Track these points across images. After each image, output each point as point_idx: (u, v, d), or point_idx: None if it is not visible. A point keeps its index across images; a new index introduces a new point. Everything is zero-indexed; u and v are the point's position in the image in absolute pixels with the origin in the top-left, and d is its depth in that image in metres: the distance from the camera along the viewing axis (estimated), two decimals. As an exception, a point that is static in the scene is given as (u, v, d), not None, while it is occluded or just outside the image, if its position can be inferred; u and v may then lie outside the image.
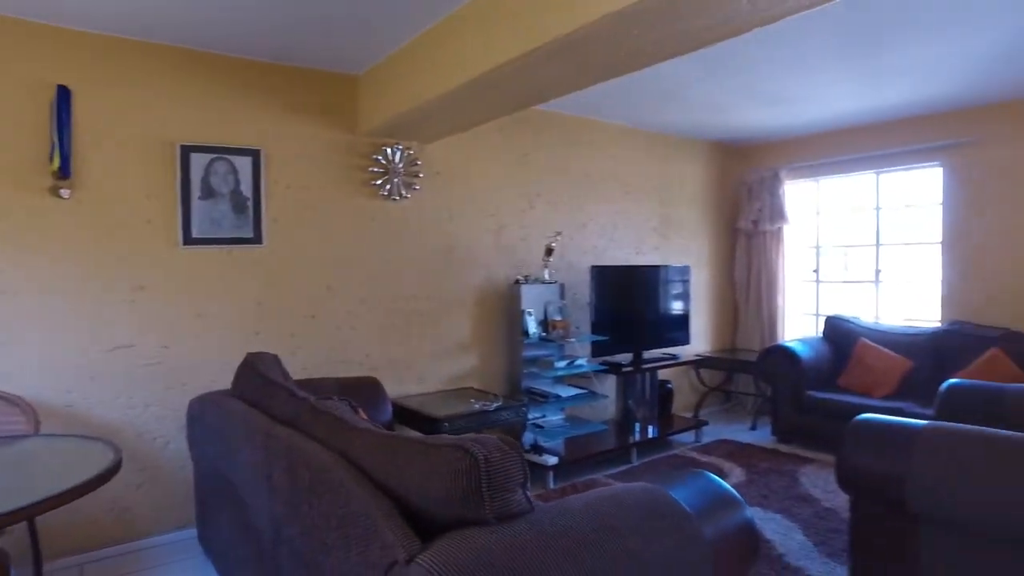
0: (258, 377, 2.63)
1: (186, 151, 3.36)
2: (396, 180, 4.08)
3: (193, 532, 3.31)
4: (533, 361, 4.56)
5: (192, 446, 2.99)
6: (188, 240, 3.38)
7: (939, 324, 5.12)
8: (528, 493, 1.49)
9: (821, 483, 4.11)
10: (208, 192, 3.43)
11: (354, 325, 3.98)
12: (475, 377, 4.55)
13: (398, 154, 4.08)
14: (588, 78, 2.86)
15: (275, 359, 2.93)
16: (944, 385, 3.57)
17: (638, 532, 1.53)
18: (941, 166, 5.16)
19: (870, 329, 5.33)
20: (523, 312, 4.48)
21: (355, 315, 3.99)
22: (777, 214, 6.08)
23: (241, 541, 2.40)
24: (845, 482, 2.73)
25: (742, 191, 6.41)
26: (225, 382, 3.37)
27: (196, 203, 3.40)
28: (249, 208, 3.56)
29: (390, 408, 3.53)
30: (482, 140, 4.55)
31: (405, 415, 3.81)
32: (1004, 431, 2.48)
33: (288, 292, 3.74)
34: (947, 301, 5.14)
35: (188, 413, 2.99)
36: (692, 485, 1.90)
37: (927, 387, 4.55)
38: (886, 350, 5.05)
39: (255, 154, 3.57)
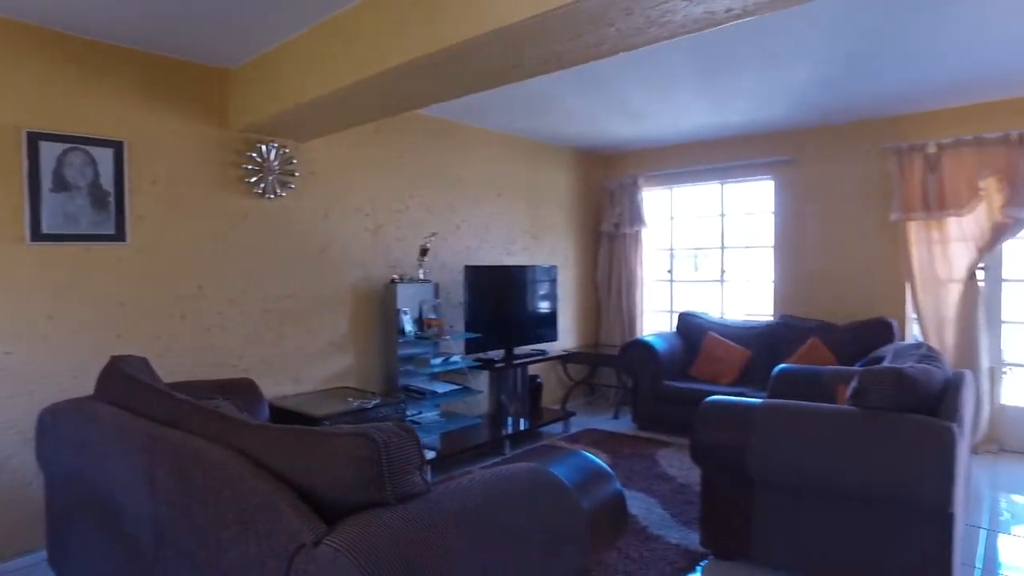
0: (128, 380, 2.51)
1: (34, 139, 3.10)
2: (271, 178, 4.00)
3: (42, 555, 3.05)
4: (409, 359, 4.63)
5: (43, 459, 2.77)
6: (37, 236, 3.12)
7: (771, 318, 5.81)
8: (424, 475, 1.60)
9: (677, 463, 4.55)
10: (62, 184, 3.18)
11: (226, 326, 3.85)
12: (352, 376, 4.55)
13: (273, 152, 4.00)
14: (470, 87, 3.00)
15: (144, 362, 2.80)
16: (775, 370, 4.11)
17: (524, 505, 1.69)
18: (772, 179, 5.86)
19: (716, 324, 5.94)
20: (399, 311, 4.54)
21: (227, 315, 3.86)
22: (636, 218, 6.58)
23: (111, 553, 2.29)
24: (697, 457, 3.08)
25: (605, 196, 6.87)
26: (81, 389, 3.15)
27: (47, 196, 3.14)
28: (111, 203, 3.34)
29: (267, 409, 3.46)
30: (359, 140, 4.56)
31: (282, 416, 3.75)
32: (820, 404, 2.93)
33: (155, 292, 3.55)
34: (778, 298, 5.85)
35: (38, 426, 2.77)
36: (569, 462, 2.10)
37: (763, 373, 5.17)
38: (729, 342, 5.65)
39: (117, 146, 3.36)
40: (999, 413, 4.92)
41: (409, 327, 4.57)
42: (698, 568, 3.04)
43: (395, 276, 4.68)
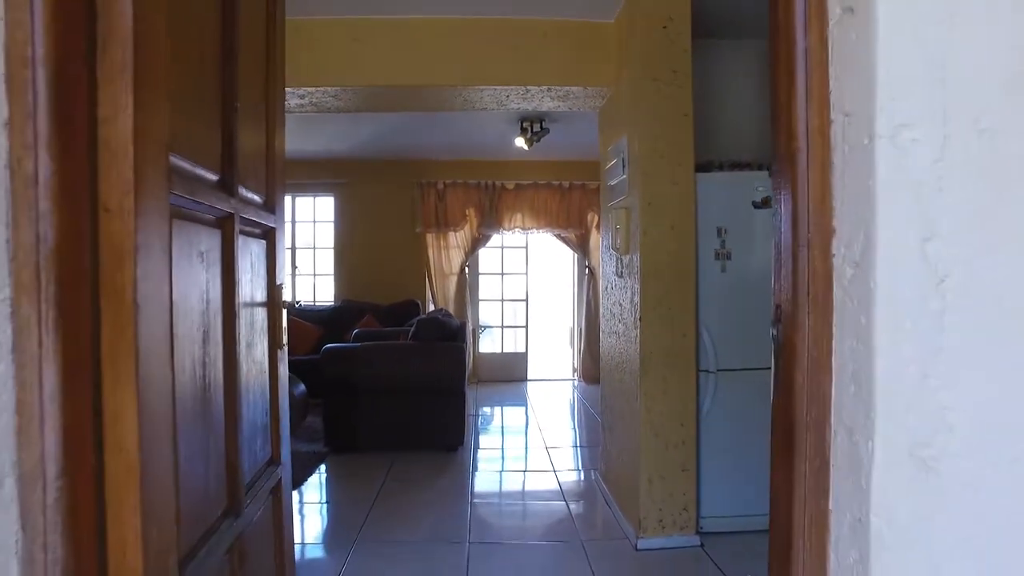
0: None
1: None
2: None
3: None
4: None
5: None
6: None
7: (335, 302, 7.53)
8: None
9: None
10: None
11: None
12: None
13: None
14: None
15: None
16: (323, 348, 5.81)
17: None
18: (332, 197, 7.60)
19: (296, 308, 7.34)
20: None
21: None
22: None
23: None
24: (322, 388, 4.55)
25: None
26: None
27: None
28: None
29: None
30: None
31: None
32: (396, 341, 4.74)
33: None
34: (339, 285, 7.61)
35: None
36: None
37: (334, 342, 6.85)
38: (303, 321, 7.13)
39: None
40: (479, 358, 7.72)
41: None
42: (323, 463, 4.49)
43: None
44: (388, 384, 4.50)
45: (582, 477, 4.52)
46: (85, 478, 0.85)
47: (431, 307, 7.60)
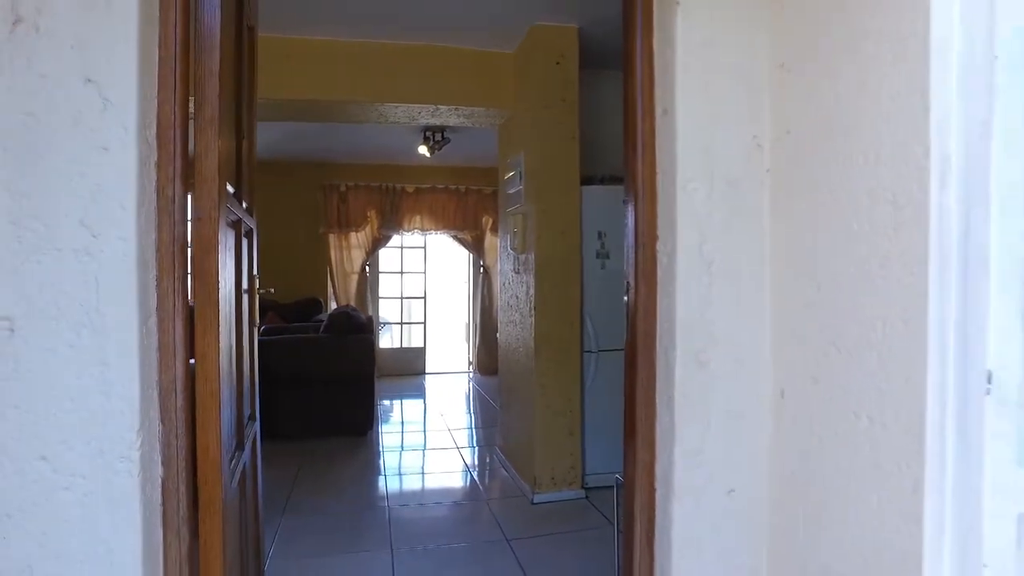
0: None
1: None
2: None
3: None
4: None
5: None
6: None
7: (236, 301, 7.63)
8: None
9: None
10: None
11: None
12: None
13: None
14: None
15: None
16: (264, 328, 6.01)
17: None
18: (234, 195, 7.69)
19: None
20: None
21: None
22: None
23: None
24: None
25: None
26: None
27: None
28: None
29: None
30: None
31: None
32: (309, 334, 5.09)
33: None
34: (241, 285, 7.71)
35: None
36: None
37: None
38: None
39: None
40: (379, 353, 8.08)
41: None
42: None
43: None
44: (302, 375, 4.84)
45: (482, 452, 5.08)
46: (190, 395, 1.29)
47: (333, 305, 7.88)
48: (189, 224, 1.33)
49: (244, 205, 2.06)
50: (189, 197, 1.31)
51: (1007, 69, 0.55)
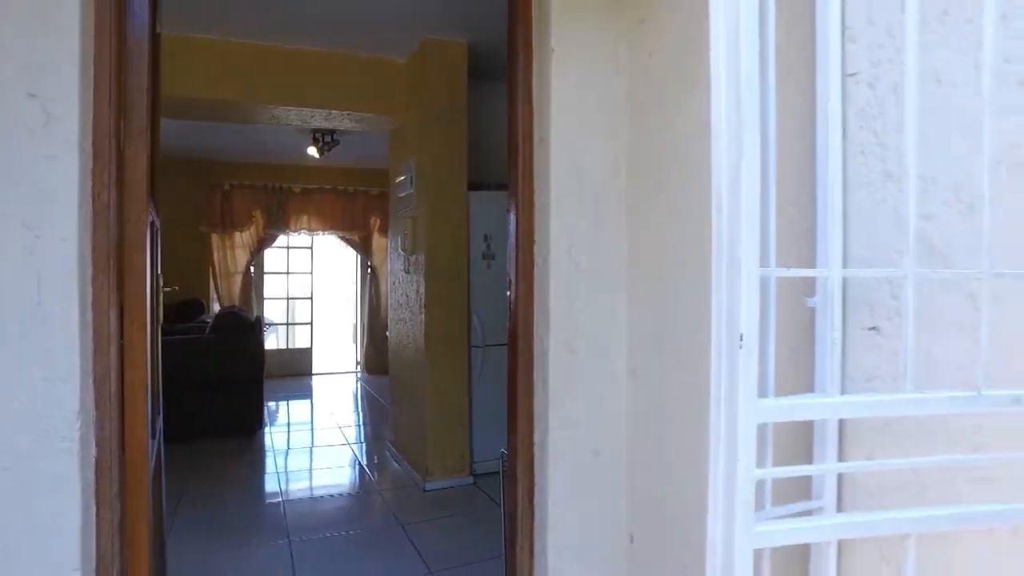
0: None
1: None
2: None
3: None
4: None
5: None
6: None
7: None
8: None
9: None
10: None
11: None
12: None
13: None
14: None
15: None
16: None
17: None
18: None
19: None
20: None
21: None
22: None
23: None
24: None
25: None
26: None
27: None
28: None
29: None
30: None
31: None
32: (192, 335, 5.01)
33: None
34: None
35: None
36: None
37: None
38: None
39: None
40: (265, 355, 7.94)
41: None
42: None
43: None
44: (190, 376, 4.76)
45: (373, 447, 5.22)
46: (121, 383, 1.42)
47: (216, 306, 7.66)
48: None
49: (152, 205, 2.15)
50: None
51: (748, 130, 0.88)
